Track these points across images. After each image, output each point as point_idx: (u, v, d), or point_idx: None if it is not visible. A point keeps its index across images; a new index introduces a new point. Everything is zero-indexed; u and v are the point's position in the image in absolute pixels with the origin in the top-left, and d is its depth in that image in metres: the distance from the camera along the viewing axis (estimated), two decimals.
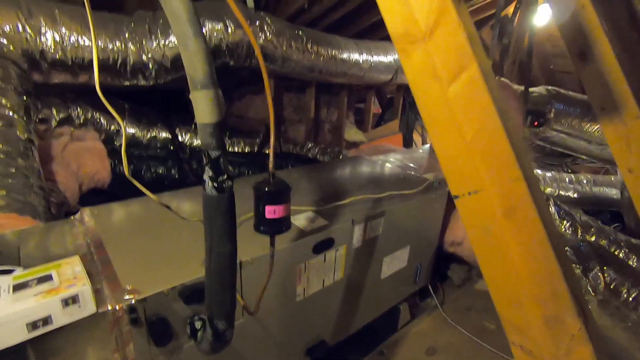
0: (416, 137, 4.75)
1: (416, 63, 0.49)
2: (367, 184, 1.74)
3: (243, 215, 1.13)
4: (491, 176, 0.47)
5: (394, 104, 4.25)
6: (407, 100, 4.31)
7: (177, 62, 2.11)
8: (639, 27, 1.63)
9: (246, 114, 3.63)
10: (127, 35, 1.96)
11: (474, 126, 0.47)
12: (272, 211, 0.77)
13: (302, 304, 1.29)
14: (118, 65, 1.97)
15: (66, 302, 0.76)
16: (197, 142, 2.63)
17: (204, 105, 0.66)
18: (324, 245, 1.27)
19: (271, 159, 0.78)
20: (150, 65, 2.07)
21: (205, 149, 0.68)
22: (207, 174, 0.70)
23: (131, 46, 1.97)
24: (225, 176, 0.71)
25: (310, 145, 3.06)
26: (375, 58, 3.18)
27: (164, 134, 2.54)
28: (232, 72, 2.80)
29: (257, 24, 2.32)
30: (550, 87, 2.55)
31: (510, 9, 3.11)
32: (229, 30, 2.18)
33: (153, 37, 2.03)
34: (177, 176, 2.49)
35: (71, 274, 0.83)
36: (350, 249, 1.39)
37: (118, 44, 1.93)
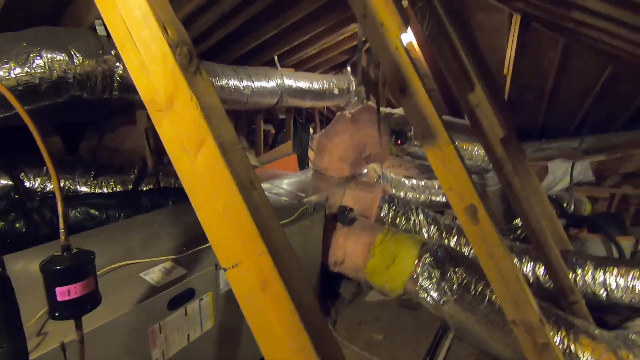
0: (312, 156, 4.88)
1: (166, 132, 0.46)
2: None
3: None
4: (244, 250, 0.47)
5: (286, 125, 4.33)
6: (297, 120, 4.43)
7: (5, 99, 1.79)
8: (459, 59, 1.94)
9: (122, 146, 3.30)
10: None
11: (222, 199, 0.46)
12: (65, 292, 0.66)
13: None
14: None
15: None
16: (50, 186, 2.26)
17: None
18: (181, 299, 1.17)
19: (62, 228, 0.67)
20: None
21: None
22: None
23: None
24: None
25: None
26: (257, 84, 3.19)
27: (3, 181, 2.13)
28: (97, 103, 2.51)
29: (112, 53, 2.12)
30: None
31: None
32: (76, 60, 1.94)
33: None
34: (24, 230, 2.09)
35: None
36: (218, 295, 1.31)
37: None
